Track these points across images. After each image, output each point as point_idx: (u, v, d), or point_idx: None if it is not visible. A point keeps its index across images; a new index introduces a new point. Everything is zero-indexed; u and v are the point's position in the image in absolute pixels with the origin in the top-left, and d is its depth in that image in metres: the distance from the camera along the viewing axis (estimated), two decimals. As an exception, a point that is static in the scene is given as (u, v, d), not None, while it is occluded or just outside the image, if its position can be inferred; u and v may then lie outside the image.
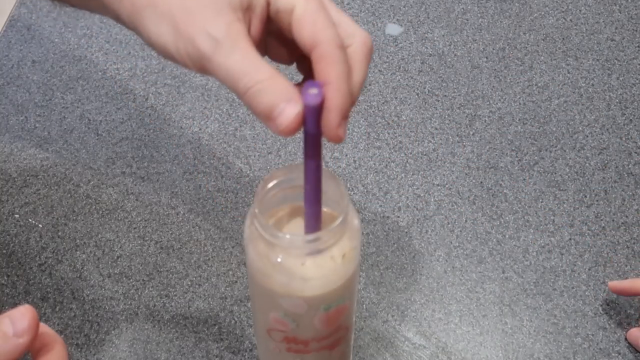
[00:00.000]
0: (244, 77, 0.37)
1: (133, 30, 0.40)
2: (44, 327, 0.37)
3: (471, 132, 0.71)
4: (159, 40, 0.39)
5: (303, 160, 0.39)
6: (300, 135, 0.38)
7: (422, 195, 0.66)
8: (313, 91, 0.37)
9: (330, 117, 0.37)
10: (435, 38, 0.80)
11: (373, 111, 0.73)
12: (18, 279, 0.61)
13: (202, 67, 0.38)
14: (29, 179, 0.67)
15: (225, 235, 0.63)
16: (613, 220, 0.64)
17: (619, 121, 0.72)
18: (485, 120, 0.72)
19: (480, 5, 0.84)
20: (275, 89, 0.37)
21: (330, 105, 0.37)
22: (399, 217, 0.65)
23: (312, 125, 0.37)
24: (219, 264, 0.61)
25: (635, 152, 0.69)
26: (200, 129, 0.71)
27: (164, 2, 0.38)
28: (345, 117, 0.37)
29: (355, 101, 0.39)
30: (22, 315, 0.35)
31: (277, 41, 0.42)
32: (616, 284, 0.57)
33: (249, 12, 0.39)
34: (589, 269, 0.61)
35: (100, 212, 0.65)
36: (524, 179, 0.67)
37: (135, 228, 0.64)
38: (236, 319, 0.58)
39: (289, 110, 0.36)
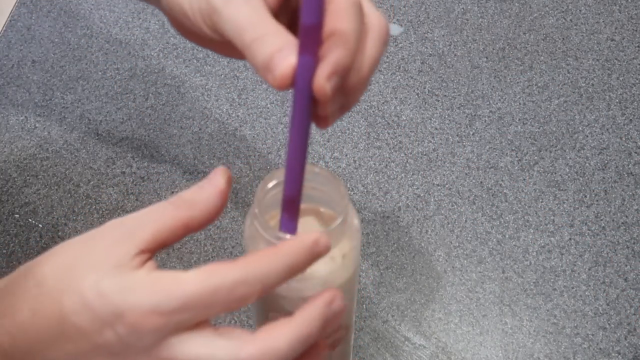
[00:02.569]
0: (250, 28, 0.36)
1: (154, 1, 0.40)
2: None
3: (471, 132, 0.71)
4: (179, 9, 0.39)
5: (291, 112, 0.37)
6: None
7: (422, 195, 0.66)
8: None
9: (323, 67, 0.35)
10: (435, 38, 0.80)
11: (373, 111, 0.73)
12: (18, 279, 0.61)
13: (212, 22, 0.38)
14: (29, 179, 0.67)
15: (225, 235, 0.63)
16: (613, 220, 0.64)
17: (619, 121, 0.72)
18: (485, 120, 0.72)
19: (480, 5, 0.84)
20: (278, 41, 0.36)
21: (325, 53, 0.35)
22: (399, 217, 0.65)
23: (311, 16, 0.34)
24: (219, 264, 0.61)
25: (635, 152, 0.69)
26: (200, 129, 0.71)
27: None
28: (337, 73, 0.35)
29: (365, 77, 0.37)
30: (216, 172, 0.37)
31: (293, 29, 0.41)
32: None
33: None
34: (589, 269, 0.61)
35: (100, 212, 0.65)
36: (524, 179, 0.67)
37: (135, 228, 0.64)
38: (236, 319, 0.58)
39: (289, 58, 0.35)
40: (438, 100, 0.74)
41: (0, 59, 0.78)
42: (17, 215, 0.65)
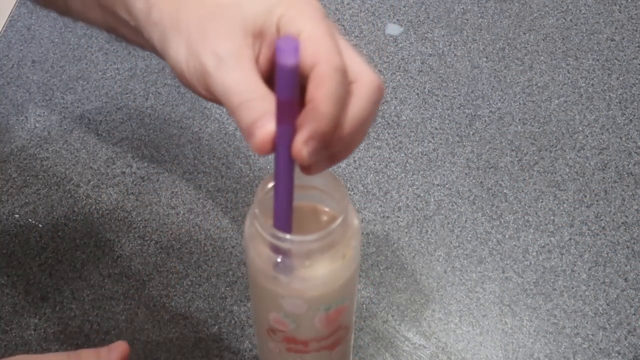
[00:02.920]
0: (237, 93, 0.37)
1: (161, 55, 0.42)
2: None
3: (471, 132, 0.71)
4: (176, 57, 0.40)
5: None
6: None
7: (422, 195, 0.66)
8: (288, 46, 0.34)
9: (299, 134, 0.35)
10: (435, 38, 0.80)
11: (373, 111, 0.73)
12: (18, 279, 0.61)
13: (205, 83, 0.39)
14: (29, 179, 0.67)
15: (225, 235, 0.63)
16: (613, 220, 0.64)
17: (619, 121, 0.72)
18: (485, 120, 0.72)
19: (480, 5, 0.84)
20: (261, 107, 0.37)
21: (302, 122, 0.36)
22: (399, 217, 0.65)
23: (285, 91, 0.35)
24: (219, 264, 0.61)
25: (635, 152, 0.69)
26: (200, 129, 0.71)
27: (185, 24, 0.39)
28: (314, 139, 0.35)
29: (346, 136, 0.37)
30: (117, 346, 0.44)
31: None
32: None
33: (260, 39, 0.39)
34: (589, 269, 0.61)
35: (100, 212, 0.65)
36: (524, 179, 0.67)
37: (135, 228, 0.64)
38: (236, 319, 0.58)
39: (266, 124, 0.36)
40: (438, 100, 0.74)
41: (0, 59, 0.78)
42: (17, 215, 0.65)
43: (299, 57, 0.34)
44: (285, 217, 0.40)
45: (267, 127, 0.36)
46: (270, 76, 0.39)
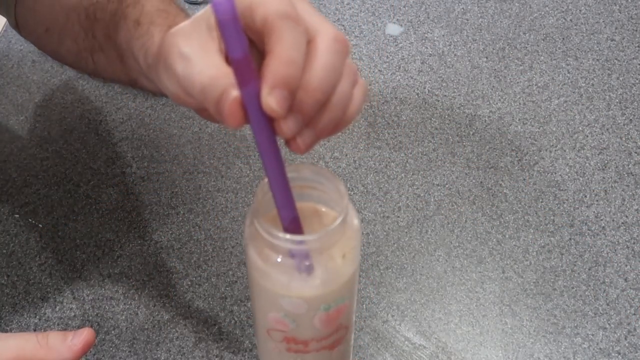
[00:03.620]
0: (201, 79, 0.37)
1: (167, 95, 0.43)
2: None
3: (471, 132, 0.71)
4: (166, 89, 0.41)
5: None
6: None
7: (422, 195, 0.66)
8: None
9: (263, 87, 0.35)
10: (435, 38, 0.80)
11: (373, 111, 0.73)
12: (18, 279, 0.61)
13: (186, 91, 0.39)
14: (29, 179, 0.67)
15: (225, 235, 0.63)
16: (613, 220, 0.64)
17: (619, 121, 0.72)
18: (485, 120, 0.72)
19: (480, 5, 0.84)
20: (225, 81, 0.36)
21: (263, 74, 0.35)
22: (399, 217, 0.65)
23: (234, 48, 0.34)
24: (219, 264, 0.61)
25: (635, 152, 0.69)
26: (200, 129, 0.71)
27: (169, 54, 0.40)
28: (278, 85, 0.35)
29: (316, 90, 0.37)
30: (82, 332, 0.45)
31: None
32: None
33: None
34: (589, 269, 0.61)
35: (100, 212, 0.65)
36: (524, 179, 0.67)
37: (135, 228, 0.64)
38: (236, 319, 0.58)
39: (231, 92, 0.36)
40: (438, 100, 0.74)
41: (0, 59, 0.78)
42: (17, 215, 0.65)
43: (234, 6, 0.33)
44: (286, 199, 0.39)
45: (231, 94, 0.36)
46: None
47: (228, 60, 0.38)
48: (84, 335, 0.45)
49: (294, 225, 0.40)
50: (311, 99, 0.37)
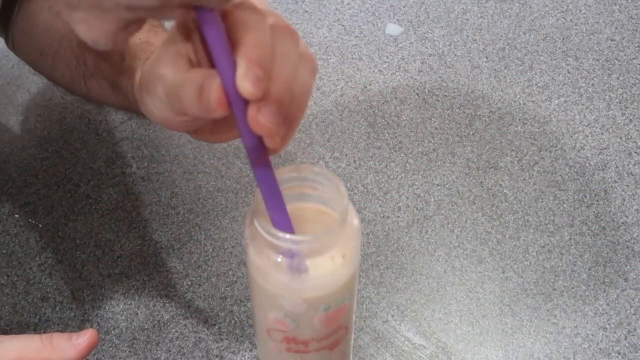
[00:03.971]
0: (173, 84, 0.38)
1: (155, 122, 0.43)
2: None
3: (471, 132, 0.71)
4: (154, 116, 0.42)
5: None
6: (300, 134, 0.38)
7: (422, 195, 0.66)
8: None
9: (238, 71, 0.36)
10: (435, 38, 0.80)
11: (373, 111, 0.73)
12: (18, 279, 0.61)
13: (173, 109, 0.40)
14: (29, 179, 0.67)
15: (225, 235, 0.63)
16: (613, 220, 0.64)
17: (619, 121, 0.72)
18: (485, 120, 0.72)
19: (480, 5, 0.84)
20: (196, 75, 0.37)
21: (237, 59, 0.36)
22: (399, 217, 0.65)
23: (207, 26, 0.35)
24: (219, 264, 0.61)
25: (635, 152, 0.69)
26: (200, 129, 0.71)
27: (149, 82, 0.41)
28: (252, 68, 0.35)
29: (280, 78, 0.37)
30: (86, 332, 0.45)
31: None
32: None
33: (191, 41, 0.39)
34: (589, 269, 0.61)
35: (100, 212, 0.65)
36: (524, 179, 0.67)
37: (135, 228, 0.64)
38: (236, 319, 0.58)
39: (210, 81, 0.36)
40: (438, 100, 0.74)
41: (0, 59, 0.78)
42: (17, 215, 0.65)
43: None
44: (274, 199, 0.39)
45: (212, 83, 0.36)
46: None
47: (204, 67, 0.39)
48: (88, 335, 0.45)
49: (284, 225, 0.40)
50: (279, 84, 0.37)
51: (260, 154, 0.38)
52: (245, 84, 0.35)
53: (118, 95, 0.50)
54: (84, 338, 0.45)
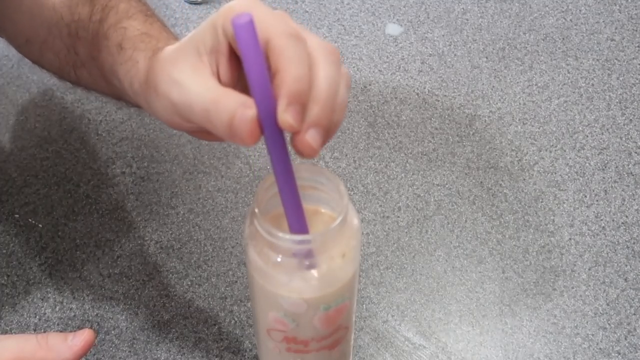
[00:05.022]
0: (201, 102, 0.38)
1: (156, 117, 0.44)
2: None
3: (471, 132, 0.71)
4: (162, 113, 0.42)
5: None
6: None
7: (422, 195, 0.66)
8: (241, 16, 0.35)
9: (279, 104, 0.36)
10: (435, 38, 0.80)
11: (373, 111, 0.73)
12: (18, 279, 0.61)
13: (182, 116, 0.40)
14: (29, 179, 0.67)
15: (225, 235, 0.63)
16: (613, 220, 0.64)
17: (619, 121, 0.72)
18: (485, 120, 0.72)
19: (480, 5, 0.84)
20: (230, 102, 0.37)
21: (279, 90, 0.36)
22: (399, 217, 0.65)
23: (254, 64, 0.35)
24: (219, 264, 0.61)
25: (635, 152, 0.69)
26: (200, 129, 0.71)
27: (154, 78, 0.41)
28: (292, 103, 0.36)
29: (323, 99, 0.38)
30: (82, 332, 0.45)
31: None
32: None
33: (215, 54, 0.40)
34: (589, 269, 0.61)
35: (100, 212, 0.65)
36: (524, 179, 0.67)
37: (135, 228, 0.64)
38: (236, 319, 0.58)
39: (245, 113, 0.36)
40: (438, 100, 0.74)
41: (0, 59, 0.78)
42: (17, 215, 0.65)
43: (254, 27, 0.35)
44: (296, 213, 0.40)
45: (248, 114, 0.36)
46: (235, 85, 0.40)
47: (222, 81, 0.39)
48: (85, 335, 0.45)
49: (301, 230, 0.41)
50: (324, 109, 0.38)
51: (286, 169, 0.39)
52: (287, 118, 0.36)
53: (110, 86, 0.50)
54: (79, 338, 0.45)
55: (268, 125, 0.37)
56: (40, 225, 0.64)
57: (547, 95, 0.74)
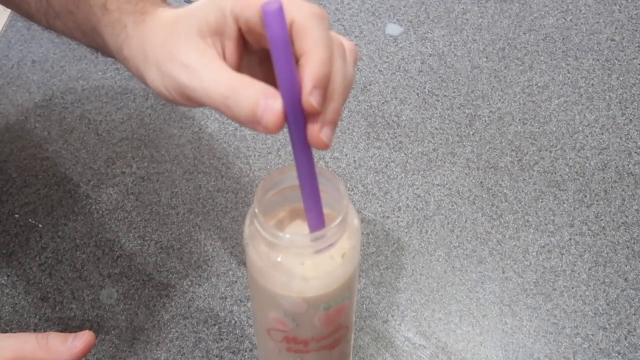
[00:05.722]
0: (219, 90, 0.37)
1: (141, 81, 0.43)
2: None
3: (471, 132, 0.71)
4: (153, 84, 0.41)
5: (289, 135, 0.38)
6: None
7: (422, 195, 0.66)
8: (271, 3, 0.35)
9: (304, 88, 0.36)
10: (435, 38, 0.80)
11: (373, 111, 0.73)
12: (18, 279, 0.61)
13: (187, 97, 0.39)
14: (29, 179, 0.67)
15: (225, 235, 0.63)
16: (613, 220, 0.64)
17: (619, 121, 0.72)
18: (485, 120, 0.72)
19: (480, 5, 0.84)
20: (252, 91, 0.37)
21: (305, 74, 0.36)
22: (399, 217, 0.65)
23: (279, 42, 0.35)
24: (219, 264, 0.61)
25: (635, 152, 0.69)
26: (200, 129, 0.71)
27: (152, 52, 0.41)
28: (318, 86, 0.36)
29: (339, 87, 0.38)
30: (83, 334, 0.46)
31: (261, 64, 0.42)
32: None
33: (220, 36, 0.39)
34: (589, 269, 0.61)
35: (100, 212, 0.65)
36: (524, 179, 0.67)
37: (135, 228, 0.64)
38: (236, 319, 0.58)
39: (271, 104, 0.36)
40: (438, 100, 0.74)
41: (0, 59, 0.78)
42: (17, 215, 0.65)
43: (282, 6, 0.35)
44: (315, 199, 0.40)
45: (275, 104, 0.36)
46: (239, 69, 0.40)
47: (232, 66, 0.39)
48: (85, 337, 0.45)
49: (319, 222, 0.41)
50: (339, 105, 0.38)
51: (307, 158, 0.39)
52: (312, 101, 0.36)
53: (94, 40, 0.47)
54: (80, 341, 0.45)
55: (293, 114, 0.37)
56: (40, 225, 0.64)
57: (547, 95, 0.74)
